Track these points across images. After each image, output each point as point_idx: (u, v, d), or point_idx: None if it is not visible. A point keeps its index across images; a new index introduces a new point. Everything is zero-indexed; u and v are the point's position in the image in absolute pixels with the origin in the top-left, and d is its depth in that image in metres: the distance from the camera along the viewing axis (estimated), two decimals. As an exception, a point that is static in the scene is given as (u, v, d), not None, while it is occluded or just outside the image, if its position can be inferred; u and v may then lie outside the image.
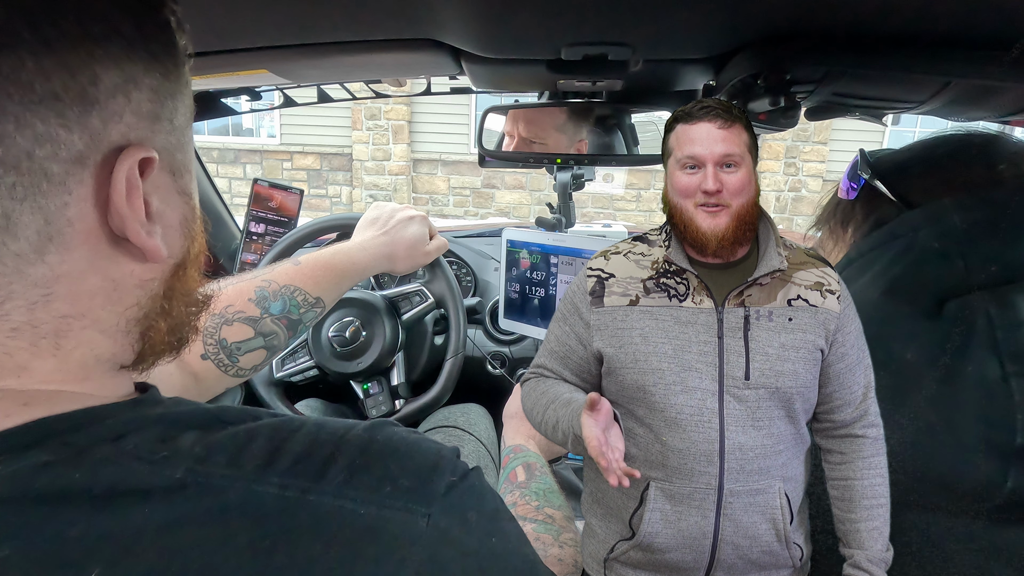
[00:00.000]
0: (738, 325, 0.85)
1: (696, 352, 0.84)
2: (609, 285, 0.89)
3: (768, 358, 0.84)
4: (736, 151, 0.81)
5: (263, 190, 1.52)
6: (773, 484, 0.84)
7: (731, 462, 0.83)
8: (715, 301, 0.85)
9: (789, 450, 0.86)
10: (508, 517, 0.37)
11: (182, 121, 0.36)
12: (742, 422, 0.83)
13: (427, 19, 0.77)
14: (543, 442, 0.96)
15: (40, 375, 0.32)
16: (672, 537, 0.85)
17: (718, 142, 0.80)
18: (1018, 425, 0.86)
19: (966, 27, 0.74)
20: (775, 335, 0.84)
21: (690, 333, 0.85)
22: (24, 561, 0.25)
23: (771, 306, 0.85)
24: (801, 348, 0.84)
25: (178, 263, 0.37)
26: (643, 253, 0.91)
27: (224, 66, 0.93)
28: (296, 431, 0.33)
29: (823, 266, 0.89)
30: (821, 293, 0.87)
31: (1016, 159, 1.01)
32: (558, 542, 0.74)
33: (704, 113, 0.81)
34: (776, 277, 0.87)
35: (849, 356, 0.88)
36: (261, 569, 0.27)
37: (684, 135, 0.83)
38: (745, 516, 0.84)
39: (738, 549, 0.84)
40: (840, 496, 0.89)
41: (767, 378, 0.83)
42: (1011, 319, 0.90)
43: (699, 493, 0.84)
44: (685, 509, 0.84)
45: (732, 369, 0.83)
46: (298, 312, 0.76)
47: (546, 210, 1.47)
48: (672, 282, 0.87)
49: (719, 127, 0.81)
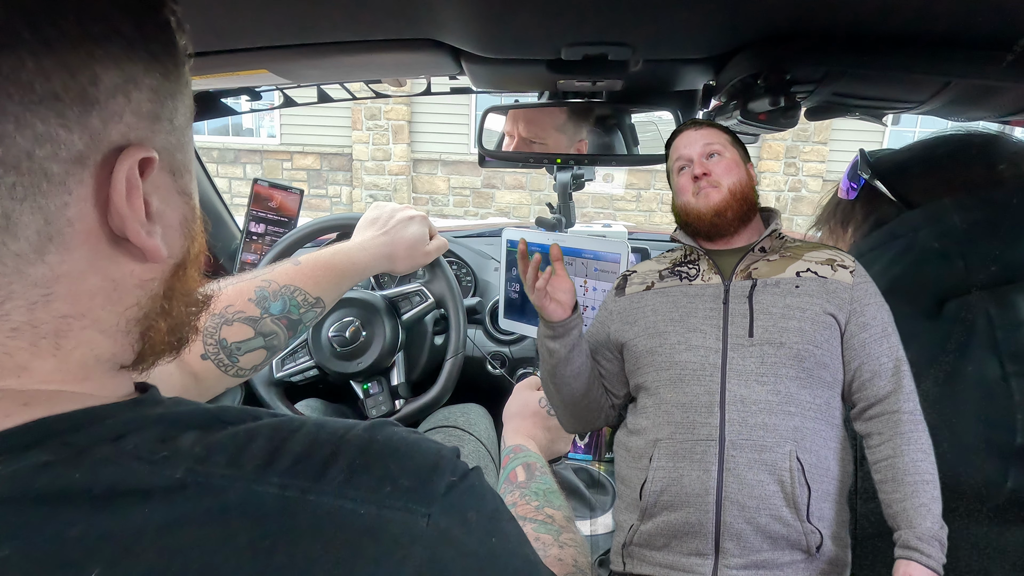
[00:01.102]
0: (744, 292, 0.89)
1: (701, 317, 0.89)
2: (631, 279, 1.00)
3: (772, 316, 0.86)
4: (716, 142, 0.95)
5: (263, 190, 1.52)
6: (782, 444, 0.82)
7: (732, 413, 0.83)
8: (723, 276, 0.92)
9: (804, 415, 0.84)
10: (508, 517, 0.37)
11: (182, 121, 0.36)
12: (744, 376, 0.84)
13: (427, 19, 0.77)
14: (543, 442, 0.96)
15: (40, 375, 0.32)
16: (676, 495, 0.84)
17: (699, 139, 0.95)
18: (1018, 425, 0.86)
19: (966, 27, 0.74)
20: (780, 298, 0.87)
21: (697, 303, 0.91)
22: (24, 561, 0.25)
23: (778, 276, 0.89)
24: (807, 309, 0.86)
25: (178, 263, 0.37)
26: (665, 255, 1.03)
27: (224, 66, 0.93)
28: (296, 431, 0.33)
29: (835, 249, 0.94)
30: (832, 267, 0.90)
31: (1016, 159, 1.01)
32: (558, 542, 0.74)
33: (688, 124, 0.98)
34: (787, 255, 0.92)
35: (872, 326, 0.88)
36: (261, 569, 0.27)
37: (674, 146, 0.98)
38: (749, 472, 0.81)
39: (744, 510, 0.81)
40: (883, 478, 0.85)
41: (771, 334, 0.85)
42: (1011, 319, 0.90)
43: (700, 446, 0.83)
44: (687, 465, 0.84)
45: (736, 328, 0.87)
46: (298, 312, 0.76)
47: (546, 210, 1.46)
48: (685, 268, 0.96)
49: (696, 129, 0.96)
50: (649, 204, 8.51)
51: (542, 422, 0.96)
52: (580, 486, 1.38)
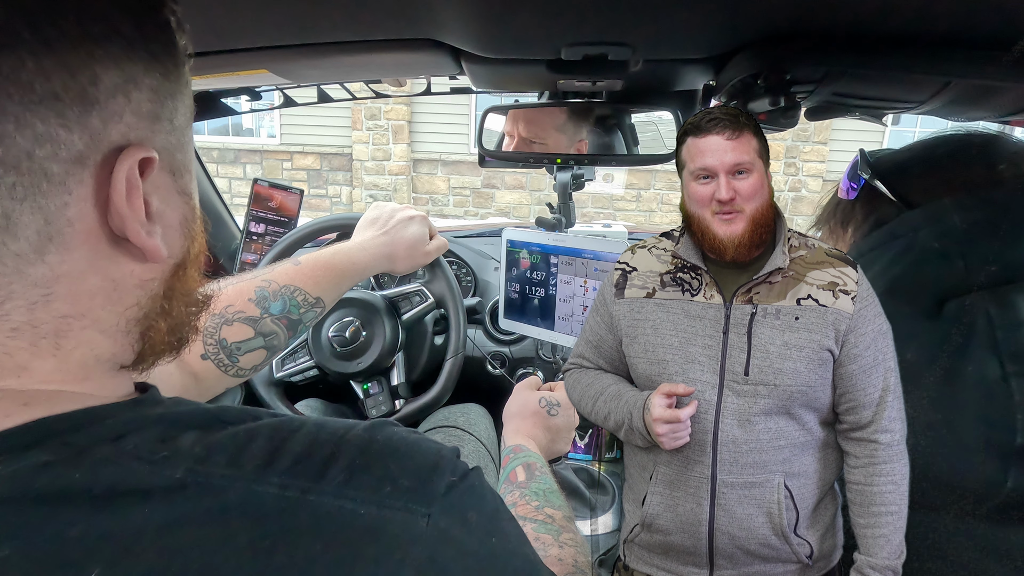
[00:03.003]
0: (743, 321, 0.87)
1: (701, 346, 0.88)
2: (631, 278, 0.95)
3: (768, 355, 0.85)
4: (746, 159, 0.84)
5: (263, 190, 1.52)
6: (772, 478, 0.85)
7: (724, 454, 0.85)
8: (724, 297, 0.88)
9: (794, 446, 0.86)
10: (508, 517, 0.37)
11: (182, 121, 0.36)
12: (737, 417, 0.85)
13: (427, 19, 0.77)
14: (543, 442, 0.96)
15: (40, 375, 0.32)
16: (671, 520, 0.89)
17: (728, 152, 0.83)
18: (1018, 425, 0.86)
19: (966, 27, 0.74)
20: (779, 333, 0.86)
21: (697, 327, 0.88)
22: (24, 561, 0.25)
23: (779, 304, 0.87)
24: (805, 348, 0.85)
25: (178, 263, 0.37)
26: (666, 248, 0.96)
27: (224, 66, 0.93)
28: (296, 431, 0.33)
29: (843, 266, 0.89)
30: (834, 293, 0.87)
31: (1016, 159, 1.01)
32: (558, 542, 0.74)
33: (712, 125, 0.84)
34: (787, 276, 0.88)
35: (863, 358, 0.87)
36: (261, 569, 0.27)
37: (695, 148, 0.86)
38: (739, 507, 0.85)
39: (734, 539, 0.86)
40: (853, 500, 0.90)
41: (765, 375, 0.84)
42: (1011, 319, 0.90)
43: (693, 481, 0.87)
44: (681, 496, 0.88)
45: (733, 364, 0.86)
46: (298, 312, 0.76)
47: (546, 210, 1.46)
48: (687, 277, 0.92)
49: (727, 138, 0.84)
50: (649, 204, 8.50)
51: (542, 422, 0.96)
52: (580, 486, 1.38)
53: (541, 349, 1.49)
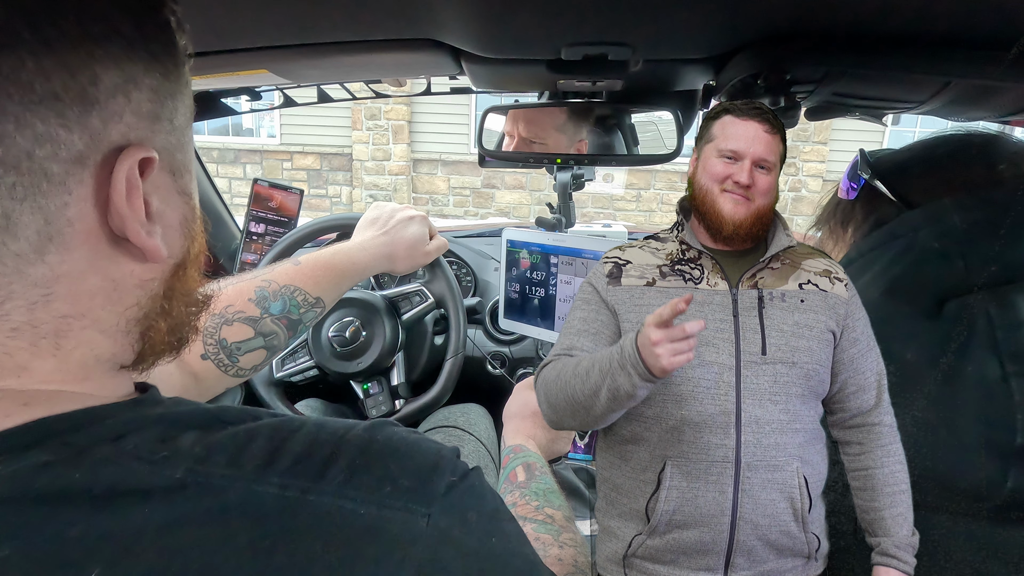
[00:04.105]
0: (752, 305, 0.87)
1: (713, 329, 0.86)
2: (627, 270, 0.92)
3: (784, 334, 0.85)
4: (771, 158, 0.87)
5: (263, 190, 1.52)
6: (791, 462, 0.84)
7: (747, 434, 0.83)
8: (729, 283, 0.89)
9: (807, 432, 0.86)
10: (508, 517, 0.37)
11: (182, 121, 0.36)
12: (759, 395, 0.84)
13: (427, 19, 0.77)
14: (543, 442, 0.96)
15: (40, 375, 0.32)
16: (689, 515, 0.84)
17: (761, 143, 0.86)
18: (1018, 425, 0.86)
19: (966, 27, 0.74)
20: (789, 314, 0.86)
21: (706, 312, 0.87)
22: (24, 561, 0.25)
23: (784, 288, 0.88)
24: (814, 327, 0.86)
25: (178, 263, 0.37)
26: (657, 248, 0.95)
27: (224, 66, 0.93)
28: (296, 431, 0.33)
29: (828, 258, 0.94)
30: (830, 279, 0.90)
31: (1016, 159, 1.01)
32: (558, 542, 0.74)
33: (756, 113, 0.86)
34: (787, 263, 0.91)
35: (861, 342, 0.90)
36: (261, 569, 0.27)
37: (731, 127, 0.87)
38: (763, 493, 0.83)
39: (757, 528, 0.83)
40: (862, 486, 0.90)
41: (783, 353, 0.85)
42: (1011, 319, 0.90)
43: (716, 467, 0.83)
44: (702, 486, 0.83)
45: (748, 345, 0.85)
46: (298, 312, 0.76)
47: (546, 210, 1.46)
48: (687, 267, 0.91)
49: (766, 131, 0.86)
50: (649, 204, 8.50)
51: (542, 422, 0.96)
52: (580, 486, 1.38)
53: (541, 349, 1.49)
